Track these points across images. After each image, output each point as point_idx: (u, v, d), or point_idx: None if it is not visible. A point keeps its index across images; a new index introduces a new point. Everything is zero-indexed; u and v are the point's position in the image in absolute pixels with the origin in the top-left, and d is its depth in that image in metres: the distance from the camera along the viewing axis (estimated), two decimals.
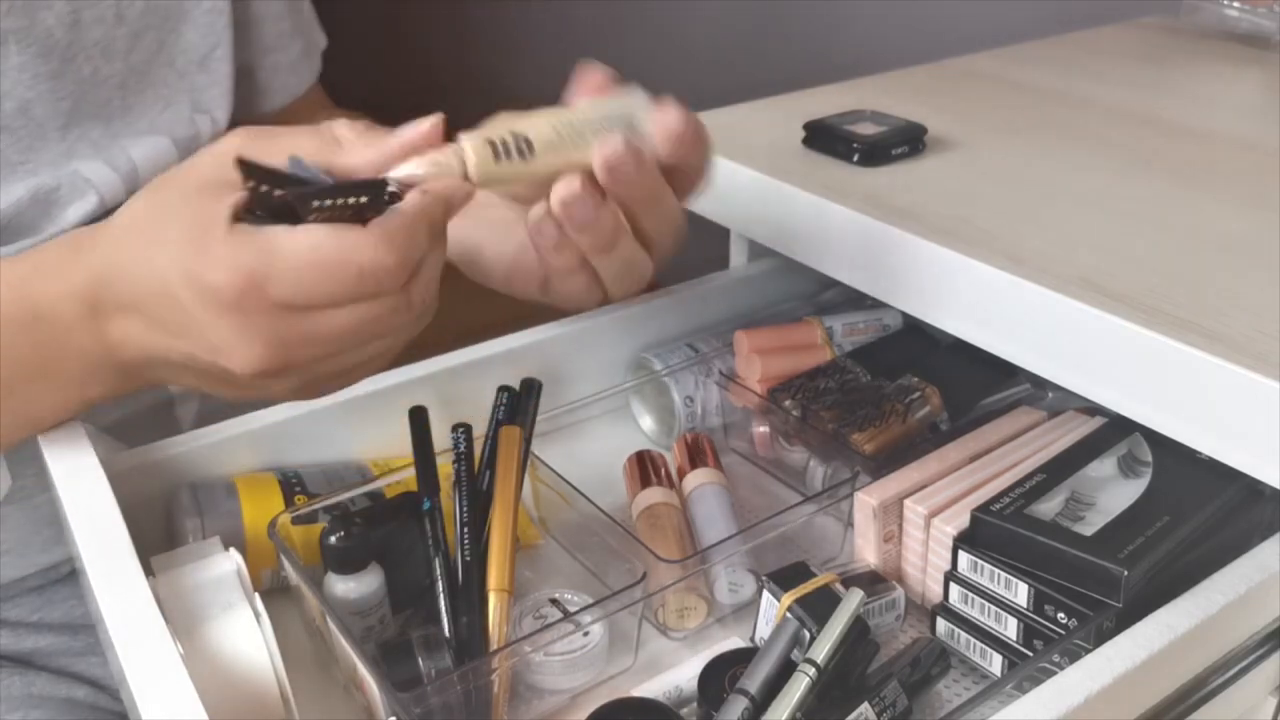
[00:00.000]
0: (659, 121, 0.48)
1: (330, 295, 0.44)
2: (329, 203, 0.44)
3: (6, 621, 0.73)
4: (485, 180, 0.46)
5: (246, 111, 0.81)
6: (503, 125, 0.47)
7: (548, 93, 0.52)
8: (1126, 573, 0.49)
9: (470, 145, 0.46)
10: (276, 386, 0.48)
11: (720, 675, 0.51)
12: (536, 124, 0.47)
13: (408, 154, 0.46)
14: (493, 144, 0.46)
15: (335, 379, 0.50)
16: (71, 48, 0.66)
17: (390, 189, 0.45)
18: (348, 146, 0.47)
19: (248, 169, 0.44)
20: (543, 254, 0.52)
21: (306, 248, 0.43)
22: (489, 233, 0.60)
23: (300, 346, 0.46)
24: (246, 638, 0.48)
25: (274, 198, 0.44)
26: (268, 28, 0.80)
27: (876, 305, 0.66)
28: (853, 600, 0.50)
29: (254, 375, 0.46)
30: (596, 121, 0.48)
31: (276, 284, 0.44)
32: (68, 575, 0.75)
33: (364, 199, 0.44)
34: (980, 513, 0.54)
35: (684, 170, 0.51)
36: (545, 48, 1.99)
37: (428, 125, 0.47)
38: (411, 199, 0.45)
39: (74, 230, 0.53)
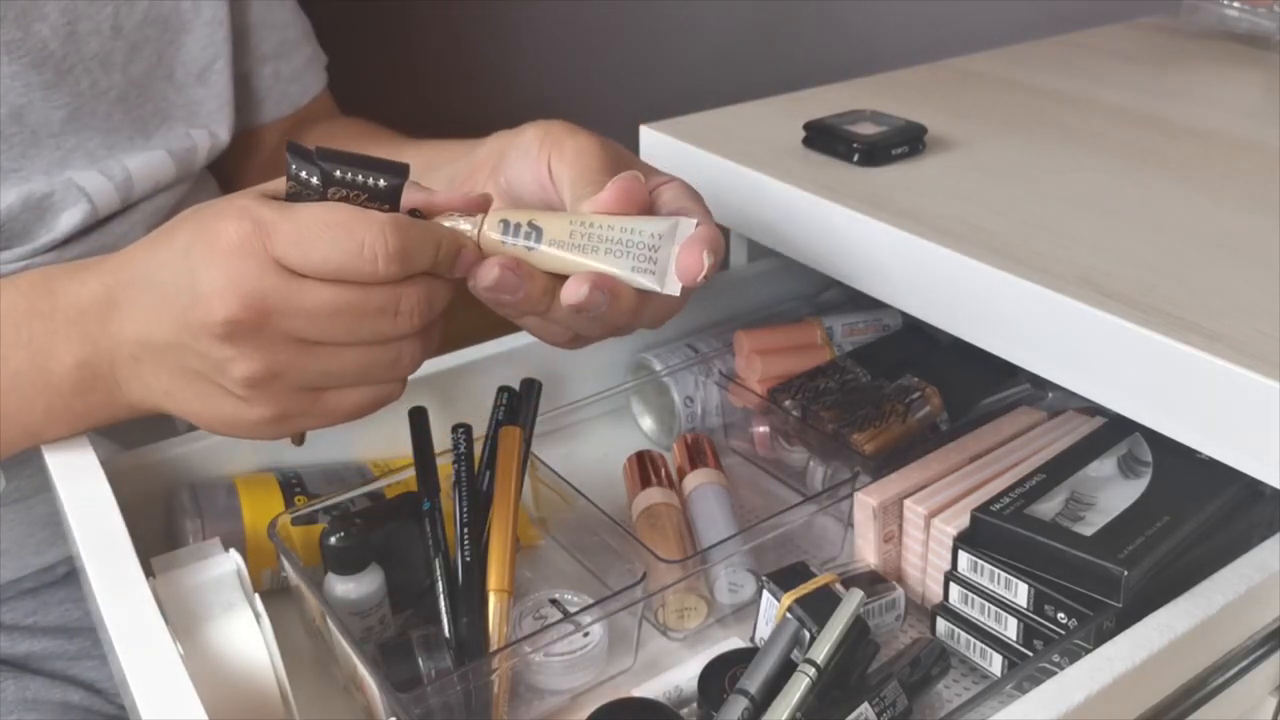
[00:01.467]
0: (681, 263, 0.46)
1: (325, 261, 0.44)
2: (350, 175, 0.45)
3: (2, 625, 0.73)
4: (488, 251, 0.47)
5: (245, 121, 0.81)
6: (529, 212, 0.48)
7: (547, 92, 0.52)
8: (1126, 573, 0.49)
9: (488, 217, 0.48)
10: (242, 365, 0.46)
11: (720, 675, 0.51)
12: (557, 221, 0.47)
13: (447, 207, 0.48)
14: (505, 223, 0.47)
15: (304, 396, 0.48)
16: (68, 59, 0.65)
17: (408, 185, 0.47)
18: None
19: (295, 151, 0.46)
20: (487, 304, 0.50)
21: (320, 212, 0.45)
22: None
23: (280, 314, 0.45)
24: (246, 638, 0.48)
25: (307, 169, 0.45)
26: (267, 35, 0.80)
27: (876, 305, 0.66)
28: (853, 600, 0.50)
29: (226, 329, 0.45)
30: (614, 241, 0.46)
31: (279, 238, 0.44)
32: (63, 578, 0.75)
33: (382, 181, 0.46)
34: (980, 513, 0.54)
35: None
36: (545, 47, 1.99)
37: (477, 195, 0.48)
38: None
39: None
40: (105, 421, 0.54)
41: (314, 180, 0.46)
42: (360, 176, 0.46)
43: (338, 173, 0.45)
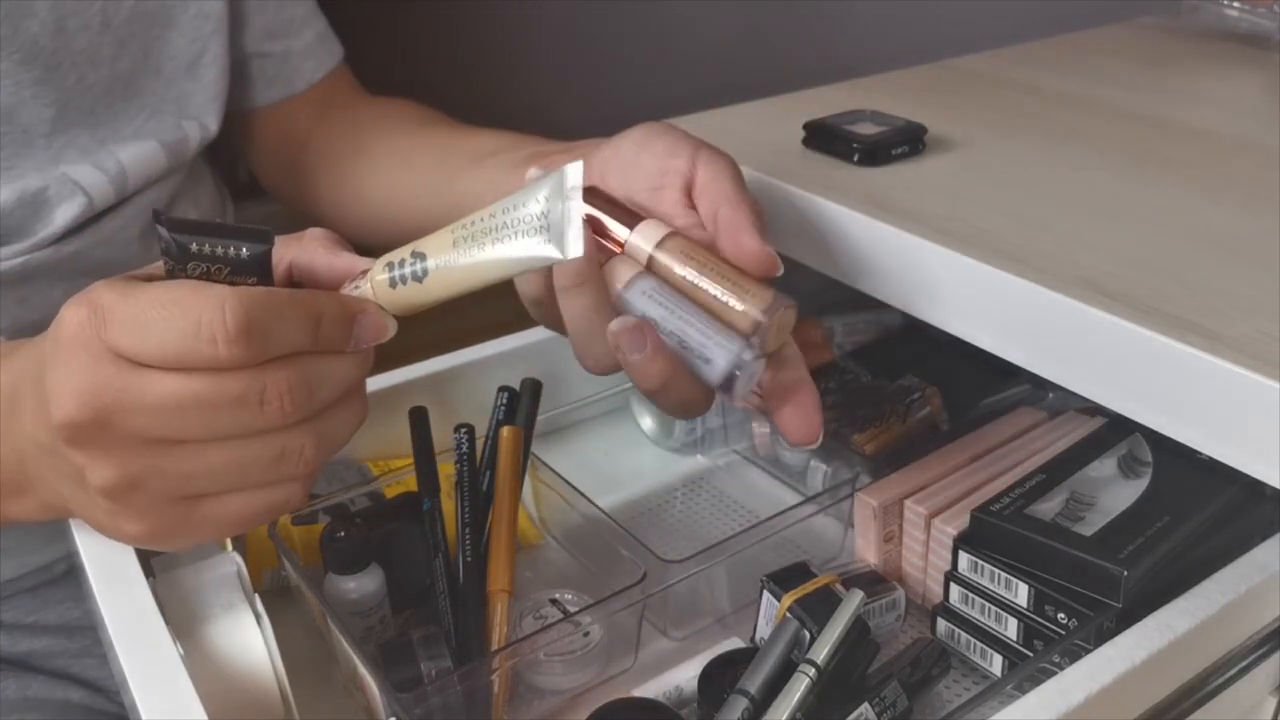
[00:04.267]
0: (791, 425, 0.45)
1: (161, 345, 0.38)
2: (208, 248, 0.40)
3: (3, 624, 0.73)
4: (385, 301, 0.42)
5: (265, 98, 0.81)
6: (415, 244, 0.42)
7: (547, 92, 0.52)
8: (1126, 573, 0.49)
9: (373, 266, 0.42)
10: (95, 474, 0.40)
11: (720, 675, 0.51)
12: (438, 237, 0.42)
13: (329, 274, 0.44)
14: (390, 264, 0.42)
15: (176, 507, 0.41)
16: (56, 55, 0.66)
17: (273, 248, 0.41)
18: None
19: (159, 222, 0.40)
20: None
21: (159, 291, 0.39)
22: None
23: (122, 411, 0.39)
24: (246, 638, 0.48)
25: (166, 243, 0.40)
26: (271, 14, 0.80)
27: (876, 305, 0.66)
28: (853, 601, 0.50)
29: (68, 433, 0.39)
30: (499, 228, 0.41)
31: (114, 324, 0.38)
32: (63, 576, 0.75)
33: (245, 251, 0.40)
34: (980, 513, 0.54)
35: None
36: (545, 47, 1.99)
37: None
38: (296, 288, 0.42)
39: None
40: (22, 520, 0.50)
41: (172, 256, 0.40)
42: (219, 248, 0.40)
43: (194, 245, 0.39)
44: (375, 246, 0.82)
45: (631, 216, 0.48)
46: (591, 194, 0.49)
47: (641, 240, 0.47)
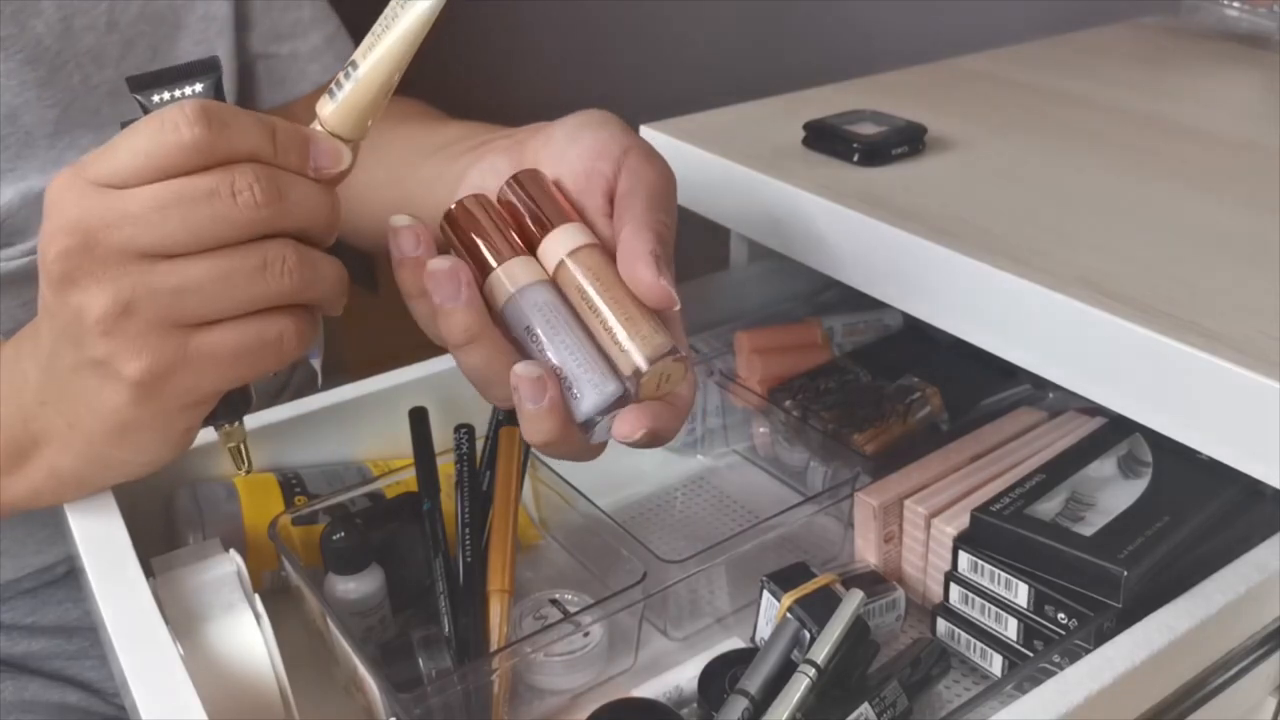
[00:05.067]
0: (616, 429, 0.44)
1: (132, 154, 0.40)
2: (167, 95, 0.43)
3: (2, 625, 0.73)
4: (333, 120, 0.43)
5: (271, 100, 0.81)
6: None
7: (547, 92, 0.52)
8: (1126, 573, 0.49)
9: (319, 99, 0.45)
10: (90, 305, 0.41)
11: (720, 675, 0.51)
12: (364, 43, 0.43)
13: None
14: (330, 92, 0.44)
15: (170, 336, 0.42)
16: (61, 55, 0.65)
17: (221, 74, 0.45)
18: None
19: (128, 82, 0.43)
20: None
21: (127, 128, 0.41)
22: None
23: (106, 226, 0.40)
24: (246, 638, 0.48)
25: (133, 107, 0.43)
26: (277, 16, 0.79)
27: (876, 305, 0.66)
28: (853, 601, 0.50)
29: (60, 266, 0.41)
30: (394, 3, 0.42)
31: (93, 164, 0.41)
32: (62, 577, 0.75)
33: (199, 86, 0.43)
34: (980, 513, 0.54)
35: None
36: (545, 47, 1.99)
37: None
38: None
39: None
40: (24, 500, 0.51)
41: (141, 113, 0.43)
42: (175, 92, 0.43)
43: (155, 97, 0.43)
44: (353, 242, 0.82)
45: (559, 213, 0.47)
46: (531, 178, 0.48)
47: (556, 245, 0.46)
